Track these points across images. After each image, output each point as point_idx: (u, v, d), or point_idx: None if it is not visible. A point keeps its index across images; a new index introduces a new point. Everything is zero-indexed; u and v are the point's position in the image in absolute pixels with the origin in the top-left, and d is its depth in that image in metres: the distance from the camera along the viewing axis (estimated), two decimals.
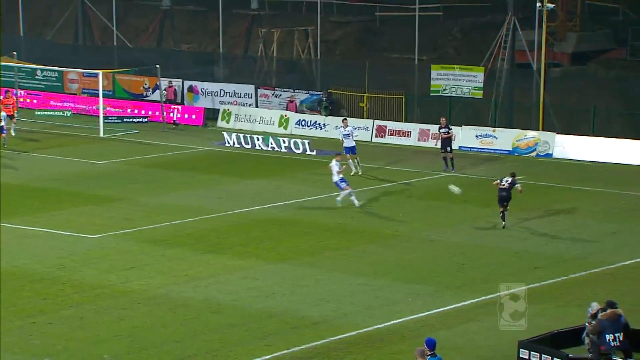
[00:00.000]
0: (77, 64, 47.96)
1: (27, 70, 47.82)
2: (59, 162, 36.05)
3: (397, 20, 48.07)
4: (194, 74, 47.30)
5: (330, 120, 41.73)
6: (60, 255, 24.51)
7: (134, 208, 29.60)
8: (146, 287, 22.32)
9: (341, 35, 49.55)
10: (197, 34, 53.04)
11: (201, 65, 49.11)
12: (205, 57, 50.32)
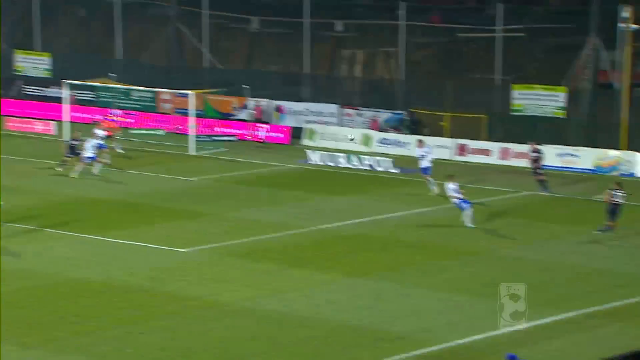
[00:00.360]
0: (170, 85, 48.76)
1: (123, 91, 48.87)
2: (153, 178, 36.61)
3: (479, 41, 47.74)
4: (281, 94, 47.68)
5: (412, 138, 41.56)
6: (153, 268, 24.85)
7: (222, 223, 29.88)
8: (234, 299, 22.47)
9: (424, 55, 49.42)
10: (284, 56, 53.45)
11: (288, 85, 49.51)
12: (292, 77, 50.70)
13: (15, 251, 25.87)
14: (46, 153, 40.24)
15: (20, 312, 21.03)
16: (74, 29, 60.36)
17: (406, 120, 43.08)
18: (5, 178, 32.53)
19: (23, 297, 22.09)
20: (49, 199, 31.78)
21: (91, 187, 34.29)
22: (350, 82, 48.80)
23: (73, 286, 23.02)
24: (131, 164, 38.98)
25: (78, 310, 21.29)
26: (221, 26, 55.69)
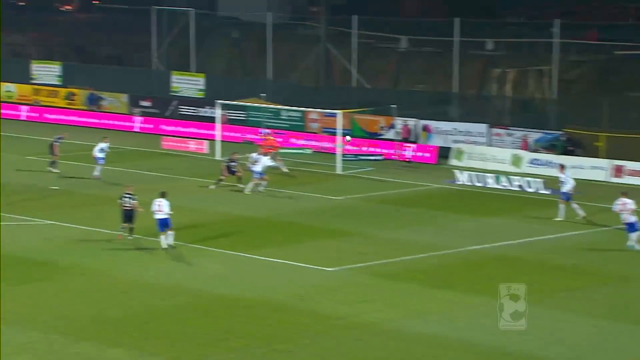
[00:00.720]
0: (318, 105, 49.48)
1: (273, 111, 49.95)
2: (300, 197, 37.21)
3: (637, 58, 46.43)
4: (428, 114, 47.66)
5: (566, 160, 40.74)
6: (300, 286, 25.26)
7: (368, 242, 30.10)
8: (379, 320, 22.61)
9: (578, 74, 48.44)
10: (432, 75, 53.43)
11: (435, 104, 49.45)
12: (440, 97, 50.62)
13: (168, 267, 26.86)
14: (199, 171, 41.55)
15: (172, 328, 21.76)
16: (226, 50, 62.16)
17: (560, 141, 42.29)
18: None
19: (175, 313, 22.84)
20: (202, 217, 32.76)
21: (242, 205, 35.17)
22: (500, 101, 48.30)
23: (224, 303, 23.64)
24: (280, 182, 39.74)
25: (227, 327, 21.86)
26: (369, 46, 56.16)
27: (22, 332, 21.07)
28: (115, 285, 24.85)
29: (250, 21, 63.11)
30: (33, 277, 25.35)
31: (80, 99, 57.93)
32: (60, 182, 38.54)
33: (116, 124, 54.61)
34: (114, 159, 42.25)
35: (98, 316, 22.31)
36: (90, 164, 40.69)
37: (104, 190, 37.24)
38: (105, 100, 57.22)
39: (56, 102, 58.59)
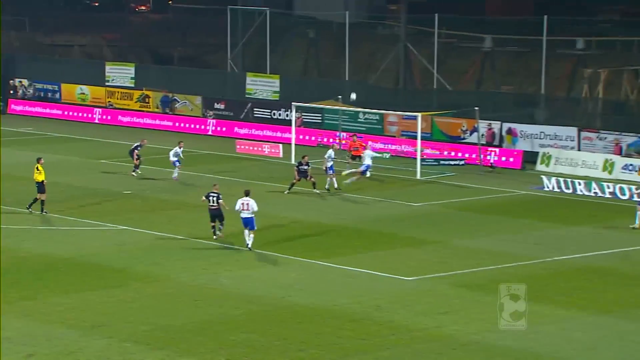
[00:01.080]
0: (397, 107, 49.26)
1: (350, 113, 49.86)
2: (378, 203, 37.08)
3: None
4: (513, 116, 47.08)
5: None
6: (378, 296, 25.12)
7: (449, 251, 29.82)
8: (461, 332, 22.34)
9: None
10: (518, 75, 52.79)
11: (521, 107, 48.79)
12: (526, 98, 49.94)
13: (242, 275, 26.97)
14: (273, 176, 41.71)
15: (248, 337, 21.82)
16: (302, 50, 62.34)
17: None
18: (233, 200, 33.87)
19: (250, 321, 22.91)
20: (276, 223, 32.84)
21: (317, 212, 35.18)
22: (590, 103, 47.45)
23: (299, 312, 23.65)
24: (357, 188, 39.63)
25: (303, 337, 21.84)
26: (451, 45, 55.74)
27: (98, 339, 21.37)
28: (187, 293, 25.05)
29: (327, 20, 63.20)
30: (107, 283, 25.70)
31: (154, 101, 58.72)
32: (134, 186, 39.04)
33: (189, 127, 55.20)
34: (187, 162, 42.65)
35: (171, 324, 22.49)
36: (162, 168, 41.18)
37: (176, 194, 37.63)
38: (178, 102, 57.90)
39: (129, 105, 59.46)
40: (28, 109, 61.28)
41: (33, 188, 35.97)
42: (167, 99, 57.92)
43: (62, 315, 22.98)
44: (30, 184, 36.27)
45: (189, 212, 34.54)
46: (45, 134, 53.63)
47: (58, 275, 26.42)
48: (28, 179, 35.79)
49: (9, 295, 24.38)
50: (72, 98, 61.55)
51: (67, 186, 38.83)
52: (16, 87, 62.91)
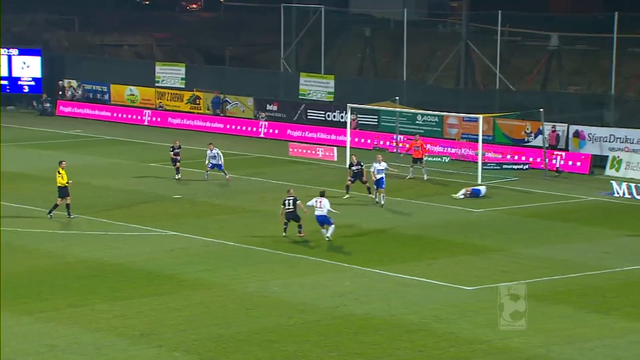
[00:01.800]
0: (457, 109, 49.01)
1: (408, 115, 49.74)
2: (436, 209, 36.95)
3: None
4: (581, 118, 46.65)
5: None
6: (436, 306, 25.03)
7: (511, 260, 29.60)
8: (525, 345, 22.15)
9: None
10: (586, 75, 52.28)
11: (589, 108, 48.28)
12: (594, 99, 49.40)
13: (294, 283, 27.04)
14: (327, 180, 41.74)
15: (301, 347, 21.86)
16: (358, 49, 62.34)
17: None
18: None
19: (303, 331, 22.95)
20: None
21: (372, 217, 35.15)
22: None
23: (353, 322, 23.64)
24: (414, 192, 39.57)
25: (358, 348, 21.82)
26: (515, 44, 55.39)
27: (147, 348, 21.57)
28: (238, 301, 25.19)
29: (384, 18, 63.16)
30: (156, 290, 25.94)
31: (205, 102, 59.14)
32: (183, 190, 39.36)
33: (241, 129, 55.51)
34: (238, 166, 42.89)
35: (222, 334, 22.63)
36: (211, 171, 41.45)
37: (227, 199, 37.88)
38: (230, 104, 58.25)
39: (180, 106, 59.94)
40: (77, 110, 62.15)
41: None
42: (218, 100, 58.31)
43: (111, 322, 23.24)
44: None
45: (241, 217, 34.75)
46: (93, 136, 54.33)
47: (106, 281, 26.73)
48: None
49: (56, 301, 24.74)
50: (121, 99, 62.29)
51: (117, 190, 39.28)
52: (65, 88, 63.84)
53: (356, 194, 38.00)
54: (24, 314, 23.69)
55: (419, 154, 42.14)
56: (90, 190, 38.91)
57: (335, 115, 53.51)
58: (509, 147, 46.44)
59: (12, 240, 30.70)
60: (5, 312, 23.63)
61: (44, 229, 32.33)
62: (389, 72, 59.41)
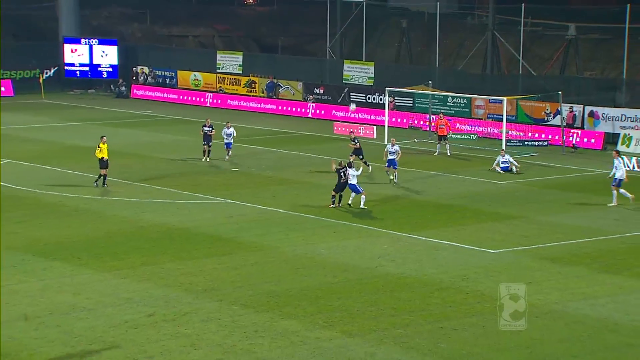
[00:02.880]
0: (483, 92, 48.70)
1: (440, 98, 49.44)
2: (465, 181, 36.70)
3: None
4: (595, 100, 46.03)
5: None
6: (464, 267, 24.90)
7: (531, 226, 29.33)
8: (543, 302, 21.98)
9: None
10: (600, 61, 51.52)
11: (603, 91, 47.66)
12: (608, 83, 48.74)
13: (338, 246, 27.05)
14: (367, 155, 41.57)
15: (344, 302, 21.89)
16: (395, 39, 62.01)
17: None
18: (330, 177, 33.93)
19: (346, 288, 22.97)
20: (369, 199, 32.84)
21: (406, 189, 35.00)
22: None
23: (390, 280, 23.60)
24: (443, 167, 39.33)
25: (394, 304, 21.80)
26: (537, 33, 54.73)
27: (209, 302, 21.70)
28: (289, 262, 25.24)
29: (418, 11, 62.70)
30: (217, 252, 26.08)
31: (260, 86, 59.19)
32: (240, 164, 39.45)
33: (291, 110, 55.55)
34: (286, 142, 42.83)
35: (274, 290, 22.70)
36: (266, 147, 41.48)
37: (279, 172, 37.92)
38: (282, 87, 58.24)
39: (238, 90, 60.10)
40: (148, 93, 62.51)
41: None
42: (271, 84, 58.32)
43: (178, 279, 23.42)
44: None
45: (290, 188, 34.78)
46: (162, 116, 54.61)
47: (174, 243, 26.92)
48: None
49: (131, 260, 24.98)
50: (186, 84, 62.54)
51: (183, 163, 39.48)
52: (138, 74, 64.22)
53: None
54: (103, 271, 23.95)
55: (443, 132, 41.82)
56: (159, 163, 39.15)
57: (375, 98, 53.30)
58: (530, 125, 45.98)
59: (92, 207, 31.02)
60: (87, 270, 23.92)
61: (120, 197, 32.61)
62: (422, 59, 59.01)
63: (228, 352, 18.77)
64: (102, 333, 19.66)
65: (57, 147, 42.87)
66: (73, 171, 37.01)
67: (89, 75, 63.80)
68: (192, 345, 19.08)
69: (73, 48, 63.27)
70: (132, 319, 20.49)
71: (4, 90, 60.77)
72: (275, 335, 19.67)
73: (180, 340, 19.30)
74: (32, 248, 25.81)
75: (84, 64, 63.34)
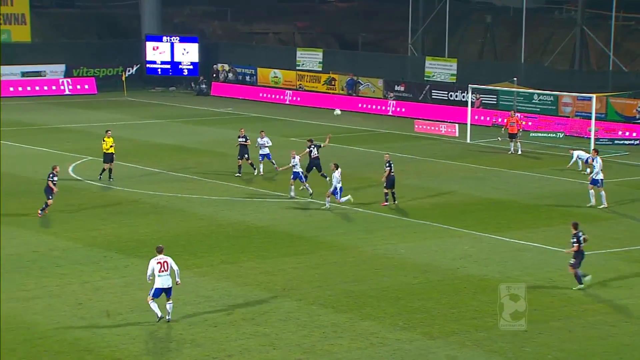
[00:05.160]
0: (571, 88, 47.80)
1: (525, 95, 48.74)
2: (551, 180, 36.10)
3: None
4: None
5: None
6: (550, 269, 24.47)
7: (622, 228, 28.87)
8: (634, 306, 21.53)
9: None
10: None
11: None
12: None
13: (418, 246, 26.86)
14: (449, 154, 41.31)
15: (425, 304, 21.73)
16: (479, 35, 61.31)
17: None
18: (410, 176, 33.85)
19: (426, 289, 22.80)
20: (450, 198, 32.55)
21: (490, 188, 34.59)
22: None
23: (472, 282, 23.34)
24: (530, 165, 38.73)
25: (477, 306, 21.53)
26: (629, 28, 53.46)
27: (288, 301, 21.79)
28: (368, 261, 25.17)
29: (503, 6, 61.86)
30: (296, 251, 26.16)
31: (340, 83, 59.19)
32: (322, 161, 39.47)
33: (372, 107, 55.41)
34: (368, 141, 42.64)
35: (354, 290, 22.66)
36: (345, 145, 41.39)
37: (357, 170, 37.80)
38: (362, 85, 58.15)
39: (317, 87, 60.20)
40: (228, 91, 63.11)
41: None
42: (352, 81, 58.28)
43: (257, 278, 23.56)
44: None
45: (369, 187, 34.64)
46: (242, 114, 55.07)
47: (252, 241, 27.10)
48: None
49: (211, 258, 25.23)
50: (266, 81, 62.95)
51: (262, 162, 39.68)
52: (218, 71, 64.90)
53: (477, 167, 37.36)
54: (183, 269, 24.19)
55: (513, 130, 41.19)
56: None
57: (457, 95, 52.81)
58: (620, 124, 44.96)
59: (171, 205, 31.44)
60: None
61: (199, 195, 32.98)
62: (507, 55, 58.21)
63: (307, 352, 18.80)
64: (182, 331, 19.89)
65: (138, 144, 43.60)
66: (153, 169, 37.58)
67: (170, 73, 64.74)
68: (271, 345, 19.16)
69: (155, 46, 64.29)
70: (211, 317, 20.69)
71: (88, 88, 62.22)
72: (355, 336, 19.62)
73: (259, 340, 19.41)
74: (114, 245, 26.30)
75: (166, 61, 64.30)
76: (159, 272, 19.82)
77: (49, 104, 57.61)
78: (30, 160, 39.20)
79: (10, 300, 21.58)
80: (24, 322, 20.18)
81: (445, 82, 55.20)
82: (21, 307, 21.14)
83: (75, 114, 53.49)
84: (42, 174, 35.53)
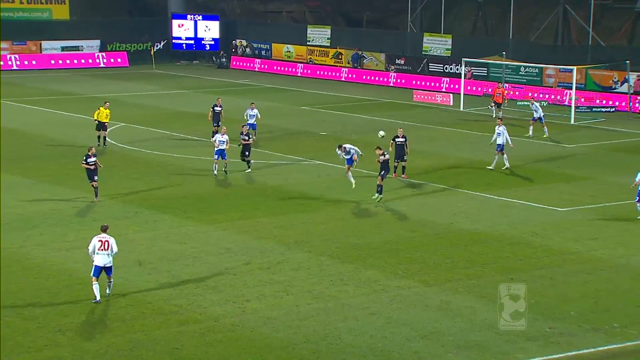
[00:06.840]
0: (554, 62, 47.54)
1: (512, 67, 48.49)
2: (535, 144, 35.97)
3: None
4: None
5: None
6: (533, 224, 24.48)
7: (599, 186, 28.64)
8: (608, 256, 21.51)
9: None
10: None
11: None
12: None
13: (417, 204, 26.87)
14: (444, 121, 41.16)
15: (422, 255, 21.79)
16: (472, 13, 60.83)
17: None
18: (409, 141, 33.65)
19: (424, 242, 22.84)
20: (446, 161, 32.50)
21: (481, 152, 34.47)
22: None
23: (464, 235, 23.37)
24: (516, 132, 38.56)
25: (468, 257, 21.60)
26: (606, 7, 52.97)
27: (299, 252, 21.86)
28: (371, 218, 25.21)
29: None
30: (306, 208, 26.20)
31: (346, 58, 58.93)
32: (329, 128, 39.40)
33: (375, 79, 55.22)
34: (372, 109, 42.44)
35: (358, 243, 22.72)
36: (350, 113, 41.24)
37: (364, 135, 37.71)
38: (366, 59, 57.86)
39: (326, 61, 59.97)
40: (246, 64, 62.92)
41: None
42: (357, 55, 58.00)
43: (271, 232, 23.63)
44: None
45: (373, 150, 34.48)
46: (258, 85, 54.92)
47: (267, 200, 27.13)
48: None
49: (230, 215, 25.30)
50: (280, 55, 62.69)
51: (277, 128, 39.64)
52: (237, 46, 64.67)
53: (470, 132, 37.23)
54: (206, 224, 24.35)
55: (499, 99, 40.97)
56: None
57: (452, 68, 52.54)
58: (598, 93, 44.70)
59: (195, 166, 31.48)
60: (192, 222, 24.33)
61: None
62: (497, 31, 57.78)
63: (317, 298, 18.91)
64: (205, 278, 20.02)
65: (166, 112, 43.57)
66: (179, 134, 37.58)
67: (193, 48, 64.56)
68: (285, 291, 19.27)
69: (180, 23, 64.03)
70: (231, 266, 20.79)
71: (120, 62, 62.13)
72: (359, 284, 19.72)
73: (274, 287, 19.52)
74: (145, 202, 26.38)
75: (190, 37, 64.08)
76: (98, 249, 18.25)
77: (86, 75, 57.58)
78: (70, 126, 39.25)
79: (53, 250, 21.74)
80: (66, 270, 20.34)
81: (441, 56, 54.93)
82: (63, 257, 21.30)
83: (109, 84, 53.45)
84: (81, 138, 35.61)
